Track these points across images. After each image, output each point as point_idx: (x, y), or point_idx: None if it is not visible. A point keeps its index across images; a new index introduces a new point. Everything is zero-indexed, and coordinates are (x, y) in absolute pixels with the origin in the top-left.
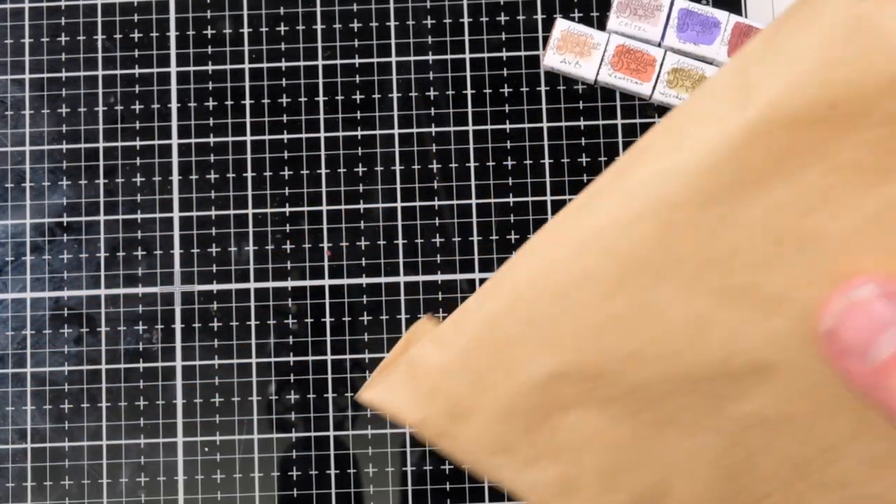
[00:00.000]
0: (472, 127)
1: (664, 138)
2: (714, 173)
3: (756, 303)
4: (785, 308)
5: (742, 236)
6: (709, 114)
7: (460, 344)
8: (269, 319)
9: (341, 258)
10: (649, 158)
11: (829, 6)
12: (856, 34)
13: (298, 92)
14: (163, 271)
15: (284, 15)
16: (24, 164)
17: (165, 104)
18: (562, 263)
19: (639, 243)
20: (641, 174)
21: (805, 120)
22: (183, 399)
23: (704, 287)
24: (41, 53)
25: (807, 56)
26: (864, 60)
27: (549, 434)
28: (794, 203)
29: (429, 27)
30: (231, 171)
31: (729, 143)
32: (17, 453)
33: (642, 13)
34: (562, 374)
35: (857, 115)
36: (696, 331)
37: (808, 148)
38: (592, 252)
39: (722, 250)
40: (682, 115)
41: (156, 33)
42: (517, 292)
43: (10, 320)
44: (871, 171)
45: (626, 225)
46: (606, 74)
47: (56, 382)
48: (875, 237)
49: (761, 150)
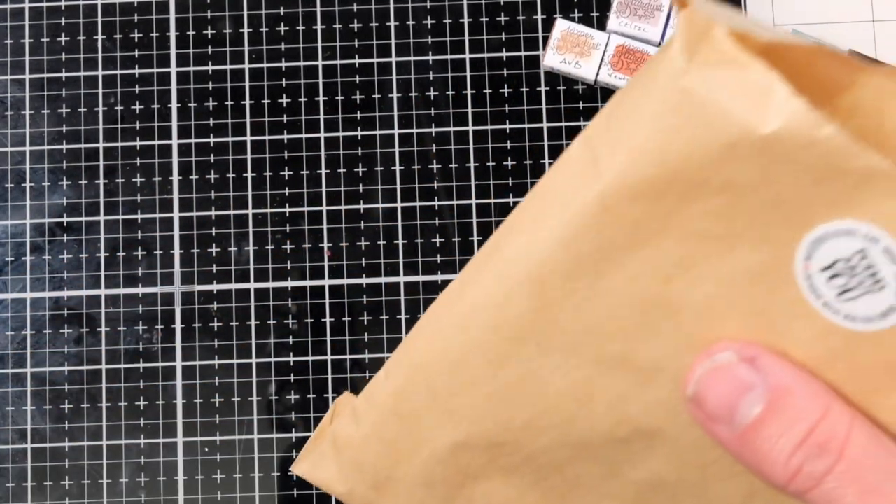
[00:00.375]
0: (472, 127)
1: (529, 213)
2: (576, 244)
3: (631, 371)
4: (658, 376)
5: (611, 305)
6: (565, 186)
7: (372, 417)
8: (269, 319)
9: (341, 258)
10: (517, 233)
11: (660, 80)
12: (683, 107)
13: (298, 92)
14: (163, 271)
15: (284, 15)
16: (24, 164)
17: (165, 104)
18: (452, 337)
19: (517, 316)
20: (510, 250)
21: (648, 191)
22: (183, 399)
23: (584, 356)
24: (41, 53)
25: (643, 130)
26: (693, 132)
27: (465, 503)
28: (653, 272)
29: (429, 27)
30: (231, 171)
31: (584, 214)
32: (17, 453)
33: (642, 13)
34: (465, 444)
35: (696, 185)
36: (582, 399)
37: (658, 218)
38: (476, 326)
39: (595, 320)
40: (543, 189)
41: (156, 33)
42: (417, 365)
43: (10, 320)
44: (718, 239)
45: (503, 300)
46: (606, 75)
47: (56, 382)
48: (731, 303)
49: (614, 221)
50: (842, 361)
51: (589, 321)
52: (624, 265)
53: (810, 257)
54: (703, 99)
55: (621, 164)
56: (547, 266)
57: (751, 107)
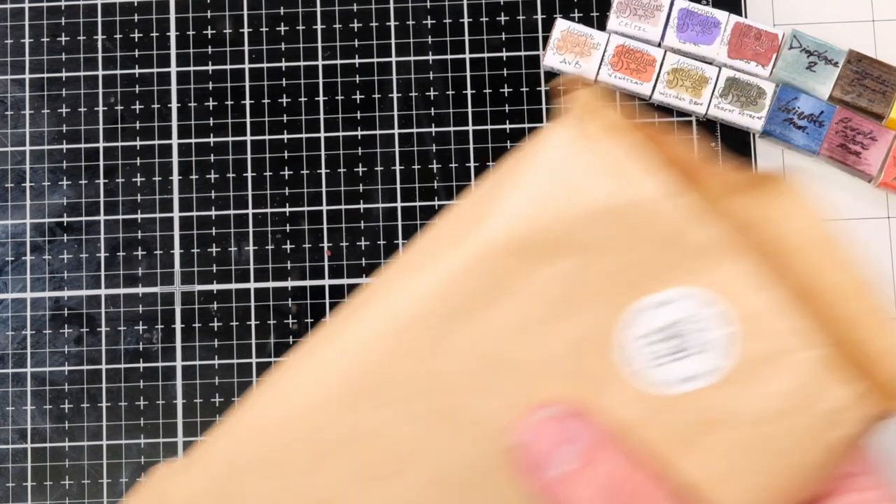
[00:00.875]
0: (472, 127)
1: (403, 267)
2: (440, 298)
3: (463, 424)
4: (486, 429)
5: (458, 360)
6: (442, 243)
7: (203, 474)
8: (269, 319)
9: (341, 258)
10: (383, 291)
11: (539, 154)
12: (559, 172)
13: (298, 92)
14: (163, 271)
15: (284, 15)
16: (24, 164)
17: (165, 104)
18: (294, 394)
19: (362, 370)
20: (376, 306)
21: (511, 251)
22: (183, 399)
23: (420, 408)
24: (41, 53)
25: (522, 192)
26: (561, 200)
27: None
28: (499, 331)
29: (429, 27)
30: (231, 171)
31: (452, 271)
32: (17, 453)
33: (642, 13)
34: (293, 500)
35: (554, 248)
36: (412, 451)
37: (512, 278)
38: (321, 382)
39: (441, 372)
40: (421, 245)
41: (156, 33)
42: (252, 424)
43: (10, 320)
44: (561, 303)
45: (353, 352)
46: (606, 74)
47: (56, 382)
48: (563, 365)
49: (476, 278)
50: (652, 423)
51: (434, 374)
52: (476, 322)
53: (630, 325)
54: (572, 172)
55: (496, 225)
56: (407, 318)
57: (610, 181)
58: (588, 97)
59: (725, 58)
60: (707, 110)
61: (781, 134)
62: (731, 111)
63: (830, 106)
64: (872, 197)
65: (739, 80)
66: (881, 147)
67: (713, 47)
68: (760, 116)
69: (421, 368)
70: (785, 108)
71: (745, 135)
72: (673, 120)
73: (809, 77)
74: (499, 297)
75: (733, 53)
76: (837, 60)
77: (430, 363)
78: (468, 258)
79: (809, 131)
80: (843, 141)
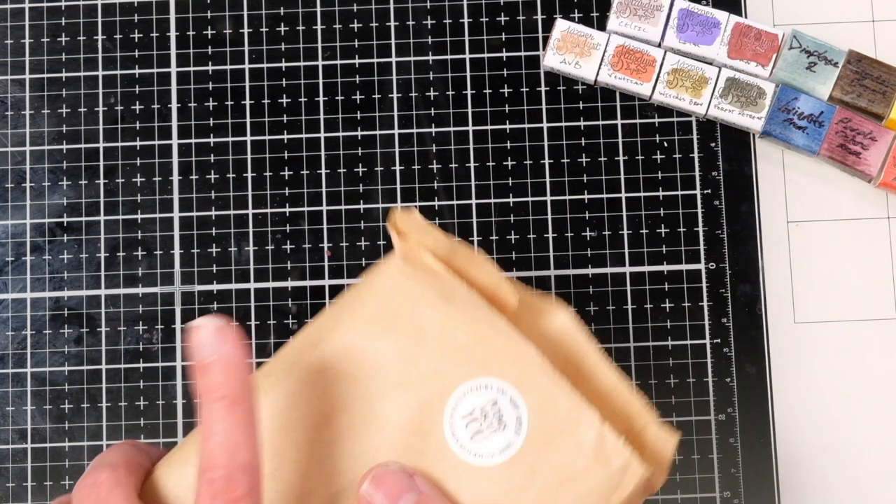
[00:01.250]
0: (472, 127)
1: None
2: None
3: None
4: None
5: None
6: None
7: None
8: (269, 319)
9: (341, 258)
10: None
11: (381, 278)
12: (396, 293)
13: (298, 92)
14: (163, 271)
15: (284, 15)
16: (24, 164)
17: (165, 104)
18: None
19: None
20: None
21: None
22: (183, 399)
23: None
24: (41, 53)
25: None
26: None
27: None
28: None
29: (429, 27)
30: (231, 171)
31: (303, 381)
32: (17, 453)
33: (642, 13)
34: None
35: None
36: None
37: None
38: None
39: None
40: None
41: (156, 33)
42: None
43: (10, 320)
44: (399, 385)
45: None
46: (606, 75)
47: (56, 382)
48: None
49: (326, 388)
50: (472, 490)
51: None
52: (326, 429)
53: (456, 406)
54: (411, 285)
55: (341, 335)
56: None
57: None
58: (419, 229)
59: (725, 58)
60: (707, 110)
61: (781, 134)
62: (731, 111)
63: (830, 106)
64: (872, 197)
65: (739, 80)
66: (881, 147)
67: (713, 47)
68: (760, 117)
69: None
70: (785, 109)
71: (745, 135)
72: (673, 120)
73: (809, 77)
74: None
75: (733, 54)
76: (837, 61)
77: (308, 453)
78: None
79: (809, 131)
80: (842, 141)
